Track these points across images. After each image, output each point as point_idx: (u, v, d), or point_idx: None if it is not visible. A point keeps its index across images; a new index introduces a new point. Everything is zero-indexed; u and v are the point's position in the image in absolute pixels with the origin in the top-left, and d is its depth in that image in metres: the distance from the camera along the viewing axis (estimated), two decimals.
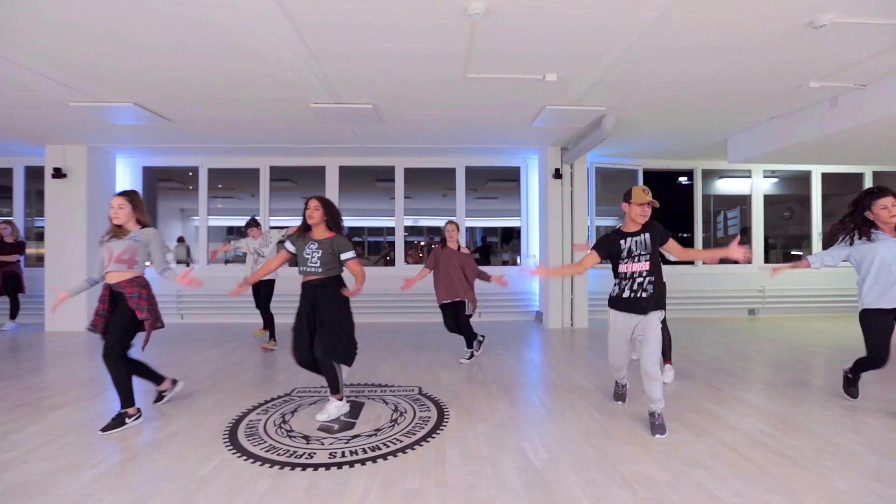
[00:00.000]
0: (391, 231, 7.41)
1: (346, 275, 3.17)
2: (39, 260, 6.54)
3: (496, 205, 8.07)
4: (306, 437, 2.76)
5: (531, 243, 7.32)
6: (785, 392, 3.62)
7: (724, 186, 8.00)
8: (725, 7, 2.83)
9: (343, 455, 2.52)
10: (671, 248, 2.91)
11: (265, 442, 2.69)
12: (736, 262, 2.86)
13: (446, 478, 2.27)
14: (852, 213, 3.00)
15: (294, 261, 3.19)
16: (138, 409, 3.04)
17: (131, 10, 2.84)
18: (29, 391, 3.64)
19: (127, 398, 2.97)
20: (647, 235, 2.82)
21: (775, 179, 7.96)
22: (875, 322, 3.00)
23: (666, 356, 3.92)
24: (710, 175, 7.78)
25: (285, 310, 7.12)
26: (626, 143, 6.29)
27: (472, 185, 7.64)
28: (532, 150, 6.83)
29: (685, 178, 7.80)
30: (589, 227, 7.02)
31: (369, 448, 2.61)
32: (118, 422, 2.90)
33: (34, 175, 6.91)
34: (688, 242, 7.68)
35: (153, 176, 7.44)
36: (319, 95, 4.31)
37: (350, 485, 2.21)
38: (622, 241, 2.83)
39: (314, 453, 2.54)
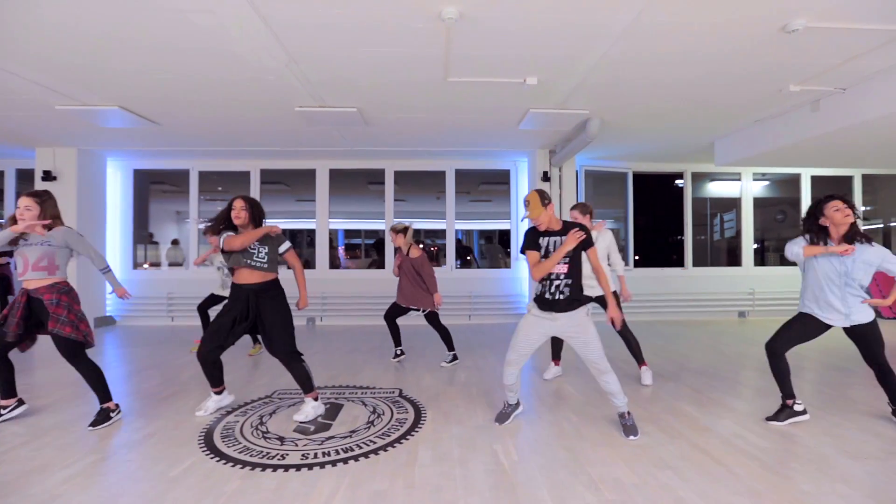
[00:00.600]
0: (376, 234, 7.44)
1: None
2: None
3: (491, 207, 8.10)
4: (281, 439, 2.77)
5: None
6: (765, 395, 3.62)
7: (716, 189, 8.03)
8: (697, 13, 2.86)
9: (315, 456, 2.53)
10: (590, 258, 2.80)
11: (240, 443, 2.71)
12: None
13: (415, 479, 2.29)
14: (807, 223, 2.89)
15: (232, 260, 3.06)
16: (117, 405, 3.07)
17: (111, 14, 2.87)
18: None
19: (104, 394, 3.00)
20: (558, 237, 2.71)
21: (766, 182, 7.99)
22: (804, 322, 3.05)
23: (639, 359, 3.91)
24: (701, 178, 7.81)
25: None
26: (614, 146, 6.32)
27: (465, 188, 7.68)
28: (521, 154, 6.86)
29: (681, 181, 7.82)
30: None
31: (342, 449, 2.62)
32: (103, 416, 2.95)
33: (25, 178, 6.94)
34: (679, 245, 7.70)
35: (145, 179, 7.47)
36: (303, 99, 4.34)
37: (318, 485, 2.22)
38: (541, 239, 2.74)
39: (287, 454, 2.56)
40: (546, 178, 6.47)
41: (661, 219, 7.92)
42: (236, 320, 3.04)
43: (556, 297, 2.71)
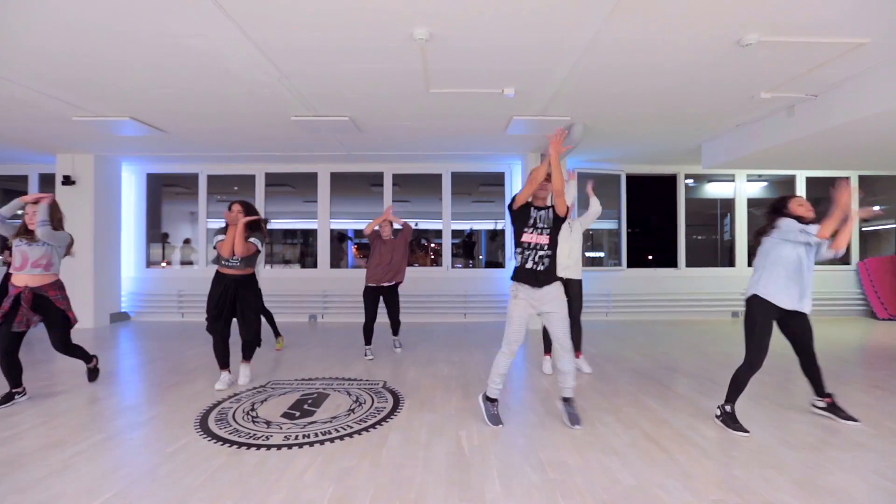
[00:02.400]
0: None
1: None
2: None
3: (492, 208, 8.32)
4: (268, 423, 3.06)
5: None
6: None
7: (714, 190, 8.12)
8: (654, 31, 3.05)
9: (296, 438, 2.81)
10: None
11: (230, 426, 3.00)
12: None
13: (381, 459, 2.54)
14: (772, 220, 3.04)
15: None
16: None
17: (116, 38, 3.17)
18: (34, 380, 4.02)
19: (87, 356, 3.84)
20: (551, 210, 2.95)
21: (764, 183, 8.05)
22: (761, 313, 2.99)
23: (577, 348, 4.04)
24: (702, 178, 7.92)
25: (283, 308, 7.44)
26: (605, 149, 6.48)
27: (465, 189, 7.92)
28: (514, 157, 7.06)
29: (691, 181, 7.92)
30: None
31: (321, 433, 2.89)
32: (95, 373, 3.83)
33: (47, 182, 7.40)
34: (674, 245, 7.81)
35: (157, 182, 7.88)
36: (298, 109, 4.63)
37: (294, 462, 2.49)
38: (532, 210, 2.96)
39: (271, 436, 2.84)
40: None
41: (670, 220, 7.94)
42: (225, 303, 3.75)
43: (538, 267, 2.91)
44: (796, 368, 3.22)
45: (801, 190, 7.72)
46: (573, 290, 4.03)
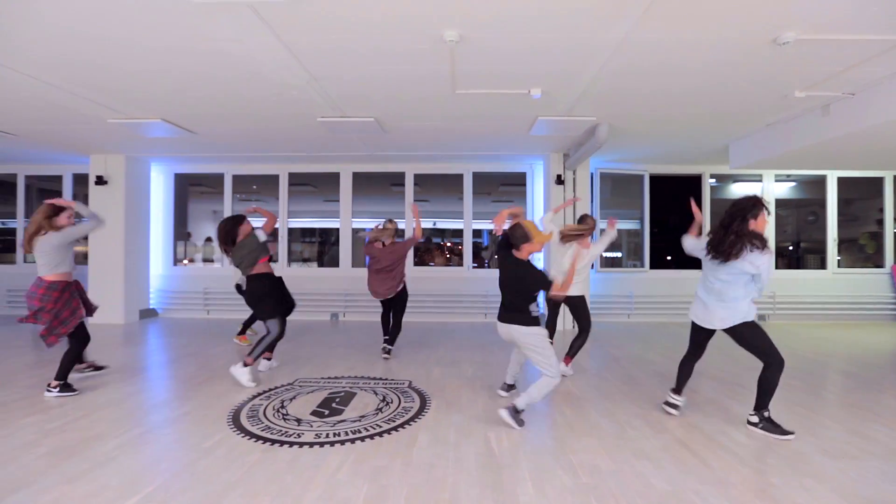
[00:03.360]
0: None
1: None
2: (83, 258, 7.23)
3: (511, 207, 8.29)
4: (298, 421, 3.11)
5: None
6: None
7: (739, 191, 7.95)
8: (686, 30, 3.00)
9: (327, 436, 2.85)
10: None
11: (262, 423, 3.06)
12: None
13: (412, 459, 2.57)
14: (742, 223, 2.85)
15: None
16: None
17: (155, 44, 3.25)
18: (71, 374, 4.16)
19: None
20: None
21: (793, 183, 7.85)
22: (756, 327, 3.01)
23: (570, 353, 4.25)
24: (726, 179, 7.77)
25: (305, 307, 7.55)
26: (628, 149, 6.40)
27: (485, 189, 7.90)
28: (536, 157, 7.03)
29: (713, 181, 7.78)
30: (592, 234, 7.13)
31: (351, 431, 2.93)
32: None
33: (80, 181, 7.65)
34: None
35: (185, 182, 8.07)
36: (324, 110, 4.69)
37: (327, 460, 2.54)
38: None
39: (302, 434, 2.89)
40: (560, 181, 6.62)
41: (691, 220, 7.82)
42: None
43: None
44: (827, 375, 3.14)
45: (831, 190, 7.51)
46: (581, 304, 4.23)
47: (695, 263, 7.66)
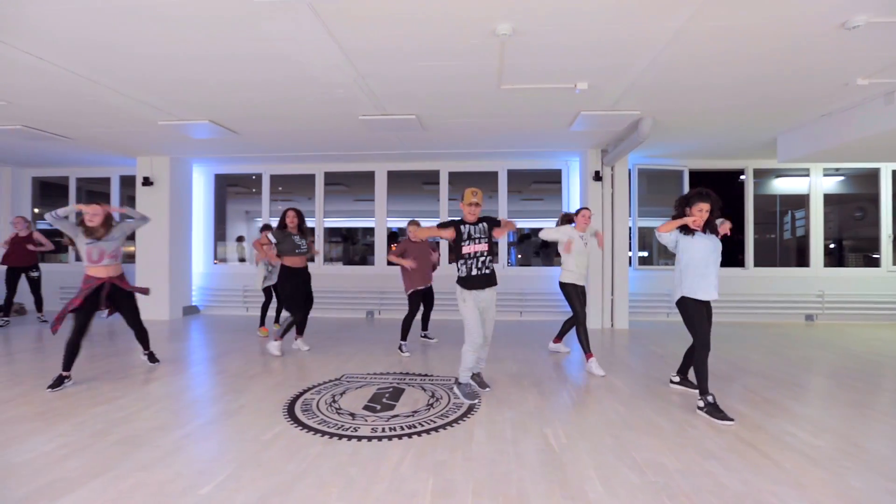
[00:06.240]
0: None
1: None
2: (130, 257, 7.49)
3: (541, 206, 8.22)
4: (352, 415, 3.14)
5: None
6: (824, 397, 3.58)
7: (785, 185, 7.66)
8: (750, 15, 2.90)
9: (383, 430, 2.87)
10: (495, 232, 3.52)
11: (317, 416, 3.10)
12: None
13: (472, 453, 2.56)
14: (682, 210, 3.27)
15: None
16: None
17: (212, 44, 3.34)
18: (127, 367, 4.32)
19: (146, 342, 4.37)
20: (484, 224, 3.47)
21: (841, 178, 7.52)
22: (694, 308, 3.28)
23: (587, 349, 4.30)
24: (766, 174, 7.49)
25: (340, 304, 7.60)
26: (669, 144, 6.25)
27: (517, 187, 7.84)
28: (573, 153, 6.93)
29: (743, 177, 7.55)
30: (630, 229, 7.01)
31: (406, 426, 2.94)
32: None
33: (126, 183, 7.93)
34: (741, 245, 7.44)
35: (223, 182, 8.28)
36: (367, 109, 4.73)
37: (388, 454, 2.55)
38: (462, 227, 3.44)
39: (358, 428, 2.91)
40: (598, 177, 6.51)
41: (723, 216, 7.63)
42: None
43: (483, 271, 3.41)
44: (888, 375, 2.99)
45: (885, 184, 7.16)
46: (583, 295, 4.48)
47: (734, 261, 7.49)
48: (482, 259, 3.41)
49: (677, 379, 3.77)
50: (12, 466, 2.38)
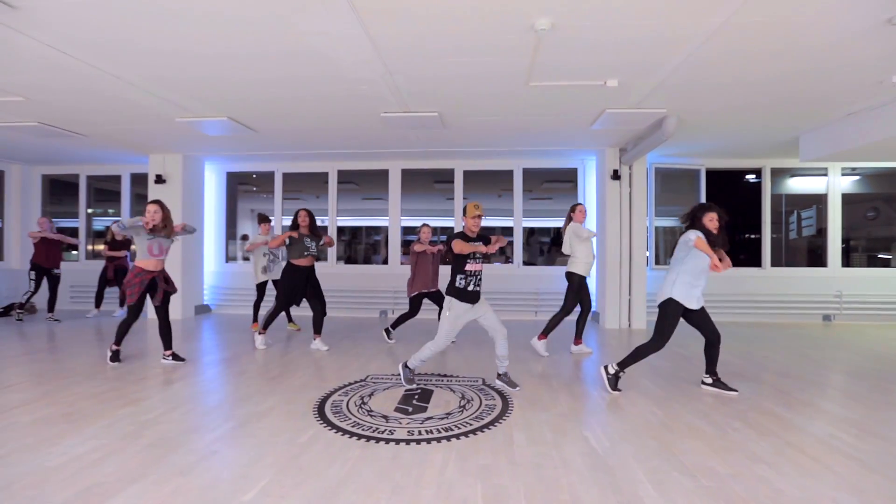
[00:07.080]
0: (448, 231, 7.70)
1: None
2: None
3: (550, 205, 8.15)
4: (385, 417, 3.08)
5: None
6: (859, 399, 3.52)
7: (797, 185, 7.60)
8: (794, 9, 2.84)
9: (420, 433, 2.81)
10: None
11: (349, 419, 3.04)
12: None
13: (515, 457, 2.50)
14: (691, 223, 3.57)
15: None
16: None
17: (244, 37, 3.26)
18: (149, 368, 4.25)
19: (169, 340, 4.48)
20: (481, 242, 3.64)
21: (857, 177, 7.47)
22: (676, 313, 3.60)
23: (545, 330, 4.83)
24: (780, 173, 7.43)
25: (353, 304, 7.52)
26: (687, 143, 6.19)
27: (528, 186, 7.77)
28: (590, 152, 6.87)
29: (753, 176, 7.50)
30: (648, 228, 6.95)
31: (442, 429, 2.88)
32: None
33: (137, 181, 7.86)
34: (755, 245, 7.39)
35: (234, 180, 8.21)
36: (390, 106, 4.66)
37: (429, 458, 2.49)
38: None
39: (394, 430, 2.85)
40: (616, 176, 6.45)
41: (732, 216, 7.57)
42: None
43: (477, 288, 3.66)
44: None
45: None
46: (586, 287, 4.95)
47: (753, 262, 7.43)
48: (479, 277, 3.67)
49: (710, 380, 3.73)
50: (46, 471, 2.31)
